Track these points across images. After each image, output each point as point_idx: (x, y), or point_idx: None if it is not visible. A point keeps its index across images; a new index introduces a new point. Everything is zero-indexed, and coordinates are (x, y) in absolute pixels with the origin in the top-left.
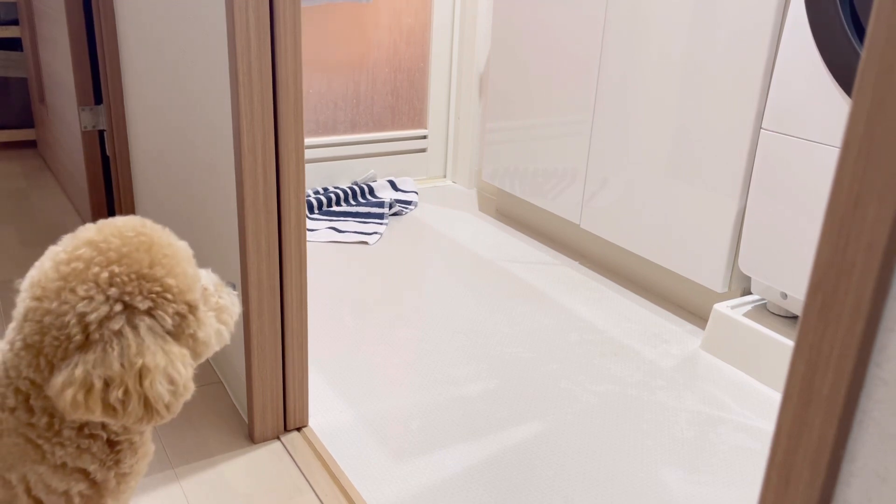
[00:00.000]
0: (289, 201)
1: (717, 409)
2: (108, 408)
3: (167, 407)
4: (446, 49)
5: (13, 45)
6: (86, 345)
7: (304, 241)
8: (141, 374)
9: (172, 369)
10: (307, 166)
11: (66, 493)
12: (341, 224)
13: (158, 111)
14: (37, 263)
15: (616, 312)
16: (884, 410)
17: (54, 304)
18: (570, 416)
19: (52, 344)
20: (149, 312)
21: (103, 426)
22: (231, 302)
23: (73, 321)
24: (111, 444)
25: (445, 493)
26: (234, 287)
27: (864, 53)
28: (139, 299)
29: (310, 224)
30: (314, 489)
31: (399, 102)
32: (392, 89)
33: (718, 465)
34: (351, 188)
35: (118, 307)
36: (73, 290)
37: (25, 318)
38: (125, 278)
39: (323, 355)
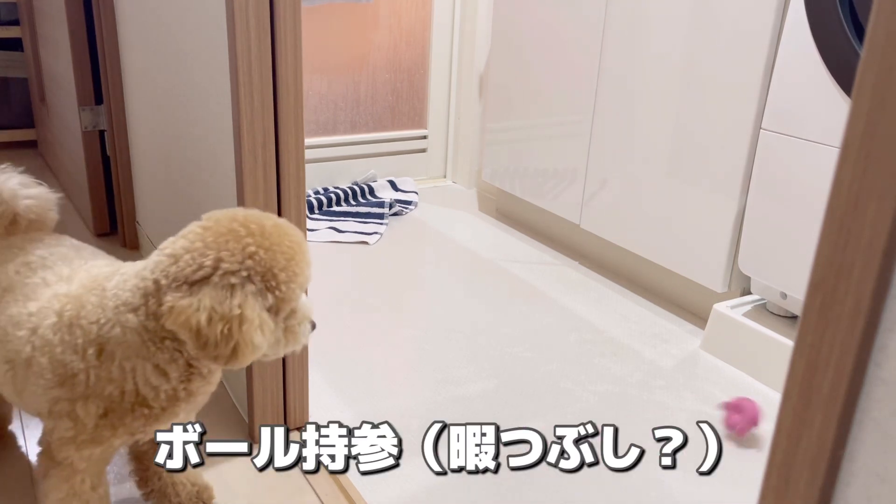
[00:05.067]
0: (289, 201)
1: (718, 408)
2: (200, 336)
3: (245, 355)
4: (446, 49)
5: (13, 45)
6: (202, 281)
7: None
8: (241, 321)
9: (260, 330)
10: (307, 166)
11: (155, 389)
12: (341, 224)
13: (159, 111)
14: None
15: (616, 312)
16: (884, 410)
17: (209, 240)
18: (570, 416)
19: (186, 262)
20: (260, 289)
21: (181, 349)
22: (301, 333)
23: (210, 261)
24: (188, 364)
25: (445, 492)
26: (313, 327)
27: (864, 53)
28: (258, 280)
29: (310, 224)
30: (314, 489)
31: (399, 102)
32: (392, 89)
33: (719, 464)
34: (351, 188)
35: (243, 273)
36: (226, 242)
37: (183, 235)
38: (261, 266)
39: (323, 355)
